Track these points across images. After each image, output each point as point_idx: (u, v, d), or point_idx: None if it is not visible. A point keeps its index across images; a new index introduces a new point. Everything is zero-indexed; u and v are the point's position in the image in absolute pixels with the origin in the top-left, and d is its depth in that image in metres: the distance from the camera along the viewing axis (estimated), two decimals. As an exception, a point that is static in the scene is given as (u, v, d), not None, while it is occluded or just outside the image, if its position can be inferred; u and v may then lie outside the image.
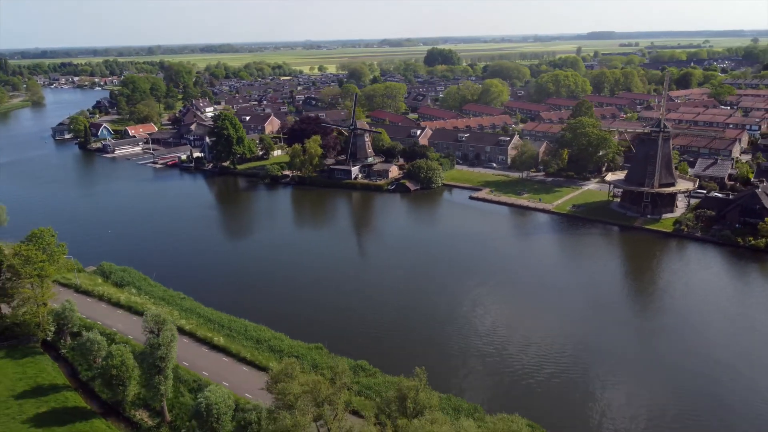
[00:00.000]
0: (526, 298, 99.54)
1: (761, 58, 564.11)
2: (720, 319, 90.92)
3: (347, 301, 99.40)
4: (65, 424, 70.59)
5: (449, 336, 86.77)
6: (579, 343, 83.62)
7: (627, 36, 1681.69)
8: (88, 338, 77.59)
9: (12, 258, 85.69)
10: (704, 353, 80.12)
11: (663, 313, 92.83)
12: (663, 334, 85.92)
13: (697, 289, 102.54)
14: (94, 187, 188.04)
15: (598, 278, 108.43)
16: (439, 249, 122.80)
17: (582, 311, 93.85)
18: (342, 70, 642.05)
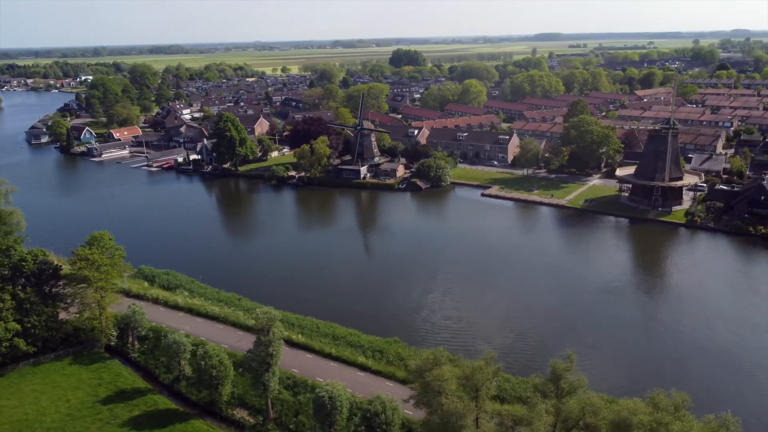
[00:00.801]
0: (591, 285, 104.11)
1: (708, 59, 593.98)
2: (738, 293, 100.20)
3: (403, 295, 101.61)
4: (165, 426, 70.53)
5: (518, 321, 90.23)
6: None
7: (573, 37, 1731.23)
8: (174, 340, 77.35)
9: (79, 262, 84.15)
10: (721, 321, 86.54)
11: (695, 290, 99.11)
12: (700, 306, 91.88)
13: (720, 273, 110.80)
14: (95, 191, 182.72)
15: (639, 266, 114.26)
16: (477, 243, 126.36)
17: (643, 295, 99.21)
18: (305, 72, 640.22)
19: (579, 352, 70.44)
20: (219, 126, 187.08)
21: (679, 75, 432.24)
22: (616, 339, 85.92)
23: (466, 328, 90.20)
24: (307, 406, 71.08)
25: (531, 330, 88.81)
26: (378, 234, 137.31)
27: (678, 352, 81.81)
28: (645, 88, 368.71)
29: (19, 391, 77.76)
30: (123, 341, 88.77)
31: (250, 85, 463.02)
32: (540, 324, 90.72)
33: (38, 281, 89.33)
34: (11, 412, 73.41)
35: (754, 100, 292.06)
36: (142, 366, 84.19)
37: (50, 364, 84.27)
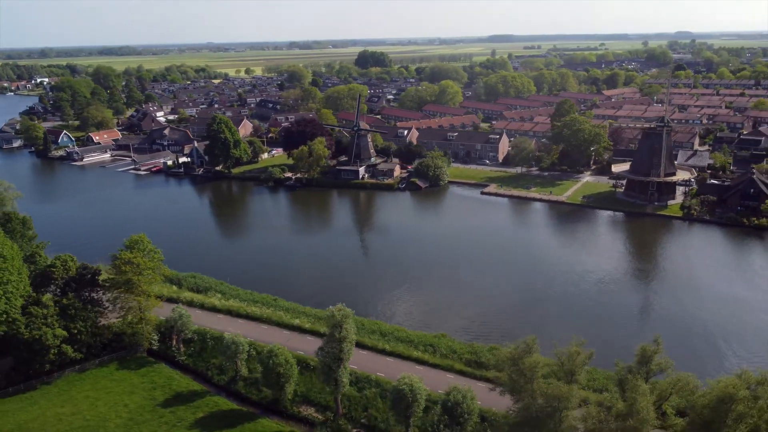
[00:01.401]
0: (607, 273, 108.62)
1: (662, 60, 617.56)
2: (738, 277, 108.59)
3: (436, 292, 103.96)
4: (234, 426, 70.90)
5: (541, 305, 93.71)
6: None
7: (526, 39, 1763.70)
8: (232, 340, 77.58)
9: (124, 266, 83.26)
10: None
11: (698, 275, 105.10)
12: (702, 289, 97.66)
13: (722, 260, 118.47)
14: (86, 195, 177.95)
15: (643, 255, 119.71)
16: (493, 240, 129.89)
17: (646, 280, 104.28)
18: (270, 73, 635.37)
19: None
20: (213, 128, 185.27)
21: (641, 75, 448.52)
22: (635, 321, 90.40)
23: (509, 320, 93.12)
24: (375, 401, 72.58)
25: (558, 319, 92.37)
26: (393, 234, 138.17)
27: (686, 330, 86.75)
28: (610, 88, 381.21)
29: (72, 398, 76.62)
30: (166, 345, 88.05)
31: (219, 87, 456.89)
32: (572, 311, 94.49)
33: (78, 286, 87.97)
34: (70, 419, 72.42)
35: (717, 99, 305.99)
36: (191, 368, 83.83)
37: (96, 370, 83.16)
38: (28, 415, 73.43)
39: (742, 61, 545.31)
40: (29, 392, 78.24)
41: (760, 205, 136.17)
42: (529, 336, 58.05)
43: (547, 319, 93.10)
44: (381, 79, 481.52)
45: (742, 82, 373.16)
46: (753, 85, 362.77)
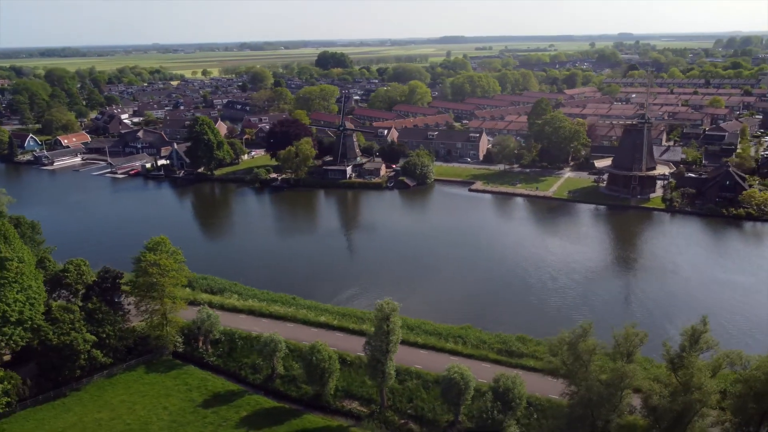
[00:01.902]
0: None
1: (612, 60, 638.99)
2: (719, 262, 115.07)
3: (449, 284, 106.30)
4: (280, 423, 71.46)
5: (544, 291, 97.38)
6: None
7: (476, 40, 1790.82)
8: (271, 338, 77.87)
9: (151, 268, 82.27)
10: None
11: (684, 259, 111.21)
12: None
13: (705, 247, 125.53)
14: (67, 199, 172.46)
15: (632, 241, 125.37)
16: (489, 236, 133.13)
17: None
18: (229, 74, 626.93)
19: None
20: (195, 129, 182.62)
21: (597, 74, 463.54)
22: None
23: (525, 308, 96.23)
24: (418, 392, 74.27)
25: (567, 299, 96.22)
26: (396, 231, 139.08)
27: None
28: (570, 88, 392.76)
29: (108, 404, 75.41)
30: (191, 347, 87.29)
31: (180, 89, 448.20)
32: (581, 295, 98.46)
33: (102, 290, 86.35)
34: (111, 424, 71.40)
35: (673, 98, 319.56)
36: (222, 369, 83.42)
37: (125, 374, 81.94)
38: (64, 422, 71.98)
39: (688, 61, 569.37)
40: (60, 399, 76.56)
41: (736, 196, 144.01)
42: (585, 321, 60.76)
43: (565, 307, 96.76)
44: (344, 79, 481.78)
45: (693, 81, 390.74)
46: (703, 84, 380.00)
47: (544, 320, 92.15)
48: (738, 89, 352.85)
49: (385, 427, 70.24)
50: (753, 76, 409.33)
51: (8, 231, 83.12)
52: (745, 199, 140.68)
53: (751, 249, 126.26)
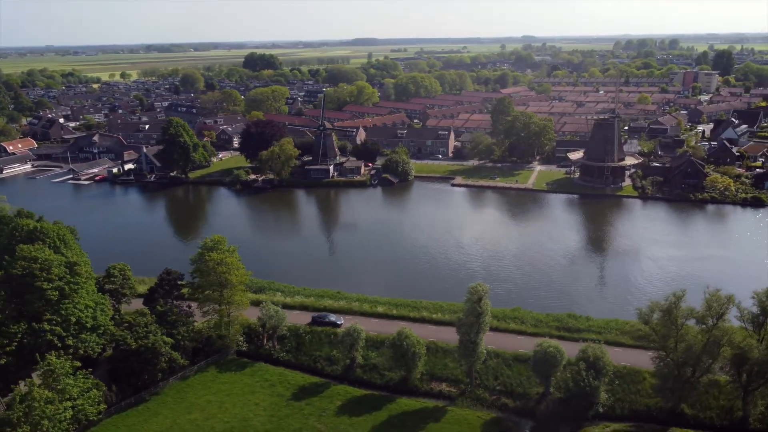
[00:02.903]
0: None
1: (529, 61, 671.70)
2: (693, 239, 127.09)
3: (485, 269, 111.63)
4: (378, 409, 73.79)
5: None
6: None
7: (388, 42, 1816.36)
8: (354, 328, 79.84)
9: (218, 267, 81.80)
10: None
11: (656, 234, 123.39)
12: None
13: (672, 221, 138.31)
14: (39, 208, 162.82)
15: (620, 225, 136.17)
16: (489, 226, 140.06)
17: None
18: (148, 77, 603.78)
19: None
20: (170, 132, 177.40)
21: (524, 75, 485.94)
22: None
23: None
24: (501, 369, 78.67)
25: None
26: (403, 225, 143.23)
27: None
28: (502, 88, 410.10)
29: (195, 405, 74.63)
30: (255, 344, 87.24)
31: (107, 92, 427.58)
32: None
33: (165, 292, 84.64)
34: (208, 424, 70.97)
35: (603, 96, 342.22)
36: (295, 363, 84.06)
37: (199, 375, 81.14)
38: (158, 426, 70.73)
39: (602, 62, 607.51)
40: (142, 404, 74.89)
41: (699, 182, 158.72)
42: (678, 290, 67.47)
43: (585, 286, 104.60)
44: (276, 81, 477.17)
45: (614, 80, 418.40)
46: (623, 83, 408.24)
47: (588, 300, 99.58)
48: (655, 87, 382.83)
49: (479, 403, 74.24)
50: (663, 75, 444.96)
51: (66, 235, 79.95)
52: (709, 184, 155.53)
53: (727, 227, 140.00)
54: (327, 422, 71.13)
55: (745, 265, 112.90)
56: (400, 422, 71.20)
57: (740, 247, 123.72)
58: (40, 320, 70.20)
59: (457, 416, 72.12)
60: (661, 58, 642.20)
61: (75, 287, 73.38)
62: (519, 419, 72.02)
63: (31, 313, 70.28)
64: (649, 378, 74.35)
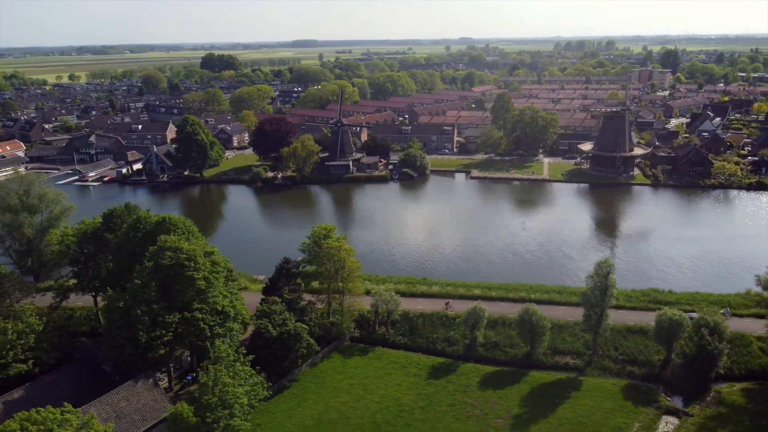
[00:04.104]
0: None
1: (481, 61, 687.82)
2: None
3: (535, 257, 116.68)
4: (516, 383, 76.84)
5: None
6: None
7: (328, 44, 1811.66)
8: (478, 307, 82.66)
9: (338, 253, 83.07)
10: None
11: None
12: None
13: (691, 205, 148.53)
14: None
15: (643, 211, 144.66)
16: (525, 215, 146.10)
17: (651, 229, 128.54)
18: (98, 79, 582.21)
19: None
20: (187, 130, 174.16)
21: (488, 74, 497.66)
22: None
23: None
24: (617, 340, 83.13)
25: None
26: (452, 215, 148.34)
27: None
28: (471, 87, 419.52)
29: (337, 389, 75.80)
30: (366, 331, 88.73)
31: (67, 94, 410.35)
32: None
33: (286, 280, 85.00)
34: (363, 404, 72.40)
35: (572, 93, 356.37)
36: (412, 346, 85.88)
37: (326, 361, 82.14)
38: (312, 411, 71.52)
39: (554, 63, 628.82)
40: (286, 391, 75.50)
41: (706, 170, 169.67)
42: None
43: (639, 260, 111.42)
44: (240, 81, 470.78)
45: (576, 78, 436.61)
46: (585, 81, 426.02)
47: (662, 275, 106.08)
48: (616, 85, 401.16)
49: (607, 372, 78.68)
50: (618, 73, 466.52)
51: (192, 228, 79.13)
52: (718, 171, 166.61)
53: (740, 210, 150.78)
54: (475, 396, 73.77)
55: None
56: (544, 392, 74.64)
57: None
58: (189, 310, 69.67)
59: (593, 384, 76.18)
60: (608, 58, 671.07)
61: (216, 276, 73.05)
62: (650, 384, 76.73)
63: (180, 303, 69.62)
64: (755, 341, 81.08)
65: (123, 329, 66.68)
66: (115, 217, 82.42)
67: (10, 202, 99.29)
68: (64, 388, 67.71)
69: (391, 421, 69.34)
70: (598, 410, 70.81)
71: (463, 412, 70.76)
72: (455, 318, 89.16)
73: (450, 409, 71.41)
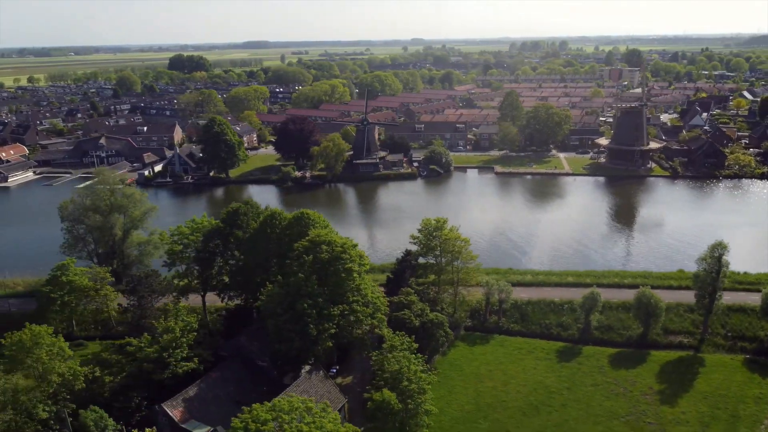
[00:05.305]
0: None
1: (447, 61, 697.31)
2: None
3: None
4: (643, 362, 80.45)
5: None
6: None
7: (280, 45, 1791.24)
8: (593, 293, 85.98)
9: (453, 245, 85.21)
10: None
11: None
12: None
13: (706, 193, 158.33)
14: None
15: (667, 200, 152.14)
16: (568, 207, 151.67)
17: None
18: (61, 80, 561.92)
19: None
20: (215, 130, 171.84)
21: (464, 74, 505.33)
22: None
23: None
24: (723, 317, 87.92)
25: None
26: (505, 207, 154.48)
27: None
28: (448, 87, 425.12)
29: (476, 374, 78.07)
30: (478, 320, 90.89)
31: (41, 96, 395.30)
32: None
33: (412, 272, 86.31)
34: (511, 388, 74.78)
35: (551, 91, 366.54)
36: (527, 333, 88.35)
37: (454, 350, 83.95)
38: (465, 396, 73.60)
39: (516, 62, 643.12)
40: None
41: (720, 161, 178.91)
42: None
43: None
44: (216, 83, 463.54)
45: (551, 77, 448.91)
46: (560, 80, 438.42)
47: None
48: (591, 83, 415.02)
49: (721, 348, 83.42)
50: (588, 72, 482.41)
51: (326, 222, 79.57)
52: (732, 162, 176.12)
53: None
54: (612, 376, 77.17)
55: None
56: (673, 369, 78.66)
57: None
58: (346, 302, 70.38)
59: (714, 360, 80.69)
60: (567, 57, 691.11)
61: (363, 268, 73.98)
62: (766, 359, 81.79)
63: (338, 295, 70.28)
64: None
65: (289, 323, 66.89)
66: (241, 214, 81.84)
67: (100, 203, 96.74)
68: (229, 384, 67.58)
69: (545, 402, 71.94)
70: (731, 383, 75.20)
71: (609, 391, 74.03)
72: (563, 304, 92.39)
73: (594, 388, 74.52)
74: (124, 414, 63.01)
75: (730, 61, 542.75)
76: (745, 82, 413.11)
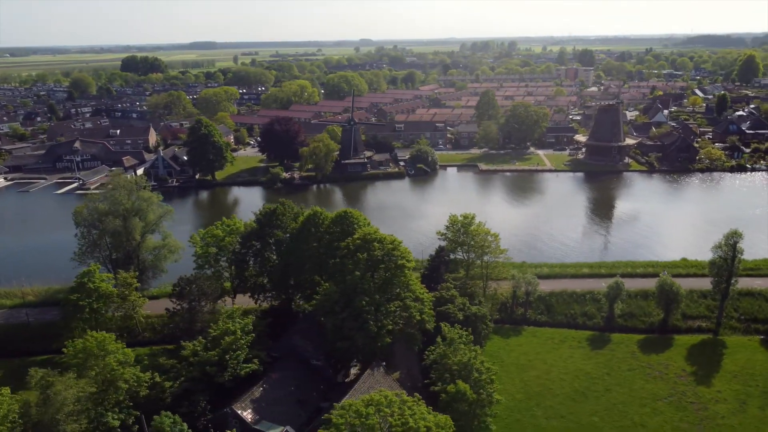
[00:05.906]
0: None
1: (404, 62, 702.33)
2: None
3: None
4: (670, 347, 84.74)
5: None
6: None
7: (228, 46, 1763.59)
8: (617, 283, 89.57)
9: (484, 241, 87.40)
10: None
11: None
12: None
13: (682, 186, 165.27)
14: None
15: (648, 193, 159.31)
16: (555, 204, 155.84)
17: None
18: (11, 83, 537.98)
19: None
20: (202, 132, 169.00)
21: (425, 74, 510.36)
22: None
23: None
24: (735, 302, 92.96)
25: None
26: (508, 204, 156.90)
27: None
28: (412, 87, 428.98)
29: (516, 365, 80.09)
30: (506, 312, 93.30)
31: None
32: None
33: (446, 267, 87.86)
34: (554, 376, 77.25)
35: (517, 89, 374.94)
36: (553, 323, 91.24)
37: (489, 342, 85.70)
38: (512, 386, 75.64)
39: (476, 62, 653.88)
40: (474, 371, 78.47)
41: (692, 155, 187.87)
42: None
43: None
44: (174, 84, 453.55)
45: (510, 77, 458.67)
46: (519, 79, 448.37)
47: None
48: (549, 82, 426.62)
49: (737, 331, 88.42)
50: (544, 71, 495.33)
51: (368, 220, 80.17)
52: (704, 156, 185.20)
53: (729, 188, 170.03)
54: (645, 360, 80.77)
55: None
56: (699, 352, 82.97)
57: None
58: (399, 298, 71.37)
59: (734, 342, 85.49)
60: (518, 57, 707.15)
61: (411, 264, 75.05)
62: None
63: (391, 292, 71.19)
64: None
65: (348, 320, 67.40)
66: (278, 214, 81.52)
67: (118, 207, 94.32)
68: (290, 384, 67.63)
69: (591, 388, 74.79)
70: (755, 362, 79.90)
71: (646, 374, 77.52)
72: (584, 294, 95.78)
73: (631, 373, 77.89)
74: (189, 418, 62.21)
75: (676, 60, 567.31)
76: (693, 81, 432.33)
